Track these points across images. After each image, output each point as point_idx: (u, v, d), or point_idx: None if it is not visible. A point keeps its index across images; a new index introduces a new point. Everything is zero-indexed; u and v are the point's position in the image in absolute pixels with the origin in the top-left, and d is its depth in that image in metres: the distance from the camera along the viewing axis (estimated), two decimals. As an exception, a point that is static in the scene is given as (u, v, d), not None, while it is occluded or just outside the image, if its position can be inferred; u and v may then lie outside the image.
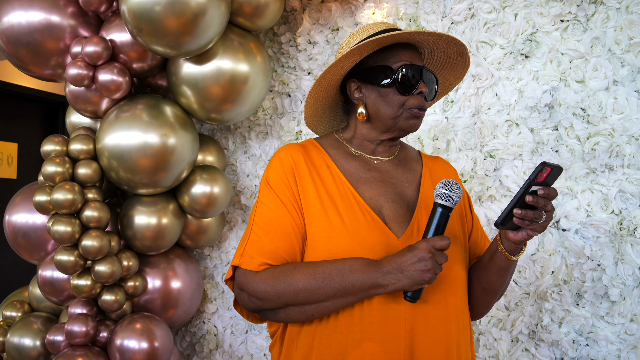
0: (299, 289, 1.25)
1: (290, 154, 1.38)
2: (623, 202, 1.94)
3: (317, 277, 1.24)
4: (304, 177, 1.35)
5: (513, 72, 2.11)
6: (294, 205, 1.33)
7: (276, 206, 1.34)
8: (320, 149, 1.42)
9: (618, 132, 1.95)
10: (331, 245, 1.26)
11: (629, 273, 1.91)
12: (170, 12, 1.93)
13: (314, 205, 1.32)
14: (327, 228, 1.29)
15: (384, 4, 2.33)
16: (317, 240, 1.30)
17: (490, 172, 2.12)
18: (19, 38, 2.18)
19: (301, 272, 1.26)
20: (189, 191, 2.30)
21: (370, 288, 1.21)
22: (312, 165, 1.37)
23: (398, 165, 1.45)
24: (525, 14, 2.09)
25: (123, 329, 2.18)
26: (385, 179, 1.41)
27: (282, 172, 1.36)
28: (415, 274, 1.17)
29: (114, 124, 2.16)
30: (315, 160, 1.39)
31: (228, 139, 2.68)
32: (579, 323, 1.96)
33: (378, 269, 1.20)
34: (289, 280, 1.25)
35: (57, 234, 2.07)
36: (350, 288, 1.22)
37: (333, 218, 1.30)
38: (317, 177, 1.35)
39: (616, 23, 1.97)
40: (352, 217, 1.29)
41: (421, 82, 1.35)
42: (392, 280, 1.19)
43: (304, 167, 1.36)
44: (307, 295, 1.25)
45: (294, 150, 1.39)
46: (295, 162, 1.37)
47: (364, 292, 1.22)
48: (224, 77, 2.18)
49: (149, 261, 2.38)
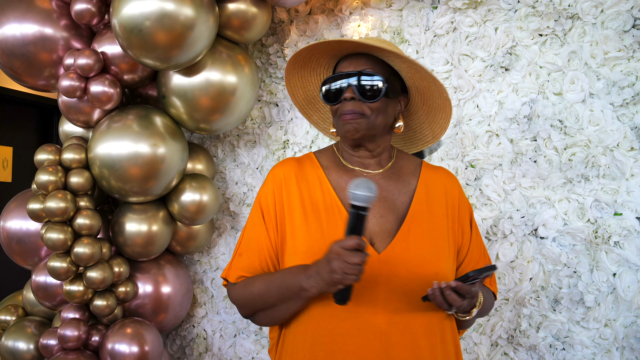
0: (255, 295, 1.36)
1: (282, 171, 1.45)
2: (598, 211, 2.00)
3: (268, 284, 1.34)
4: (292, 192, 1.41)
5: (493, 84, 2.17)
6: (274, 222, 1.40)
7: (258, 223, 1.42)
8: (316, 163, 1.47)
9: (594, 144, 2.01)
10: (309, 259, 1.30)
11: (604, 280, 1.97)
12: (160, 27, 1.99)
13: (298, 219, 1.37)
14: (307, 243, 1.34)
15: (368, 17, 2.39)
16: (297, 254, 1.35)
17: (471, 181, 2.19)
18: (13, 50, 2.23)
19: (259, 280, 1.36)
20: (179, 199, 2.35)
21: (299, 291, 1.27)
22: (304, 181, 1.42)
23: (390, 178, 1.44)
24: (505, 28, 2.15)
25: (114, 333, 2.23)
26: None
27: (272, 189, 1.44)
28: (326, 276, 1.19)
29: (105, 134, 2.21)
30: (309, 175, 1.43)
31: (217, 147, 2.74)
32: (556, 328, 2.02)
33: (304, 273, 1.26)
34: (250, 288, 1.37)
35: (50, 241, 2.12)
36: (286, 292, 1.30)
37: (314, 233, 1.35)
38: (306, 192, 1.40)
39: (592, 38, 2.04)
40: (333, 232, 1.33)
41: (350, 87, 1.32)
42: (313, 283, 1.23)
43: (294, 183, 1.42)
44: (262, 300, 1.35)
45: (287, 166, 1.46)
46: (286, 178, 1.43)
47: (297, 296, 1.28)
48: (212, 88, 2.24)
49: (139, 267, 2.44)
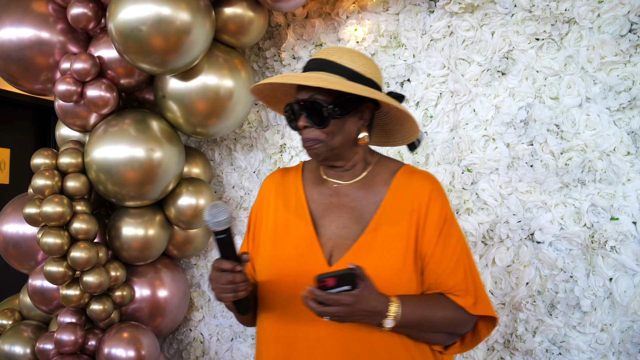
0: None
1: (265, 184, 1.55)
2: (595, 215, 2.00)
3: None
4: (270, 204, 1.49)
5: (490, 88, 2.17)
6: (252, 233, 1.52)
7: (246, 233, 1.55)
8: (299, 173, 1.52)
9: (590, 148, 2.01)
10: (271, 269, 1.40)
11: (600, 284, 1.97)
12: (156, 32, 1.99)
13: (270, 229, 1.46)
14: (272, 250, 1.42)
15: (365, 21, 2.38)
16: (264, 261, 1.45)
17: (468, 185, 2.19)
18: (10, 54, 2.23)
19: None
20: (176, 203, 2.35)
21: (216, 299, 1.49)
22: (283, 192, 1.48)
23: (361, 188, 1.44)
24: (502, 32, 2.15)
25: (111, 338, 2.24)
26: (343, 203, 1.42)
27: (257, 201, 1.55)
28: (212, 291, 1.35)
29: (102, 138, 2.21)
30: (289, 185, 1.49)
31: (214, 151, 2.74)
32: (552, 333, 2.02)
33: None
34: None
35: (47, 245, 2.12)
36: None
37: (280, 241, 1.42)
38: (282, 203, 1.46)
39: (589, 42, 2.04)
40: (294, 243, 1.40)
41: (302, 116, 1.36)
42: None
43: (273, 195, 1.49)
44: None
45: (271, 179, 1.54)
46: (269, 190, 1.52)
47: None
48: (209, 92, 2.24)
49: (136, 271, 2.44)
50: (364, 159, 1.47)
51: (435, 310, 1.34)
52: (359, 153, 1.45)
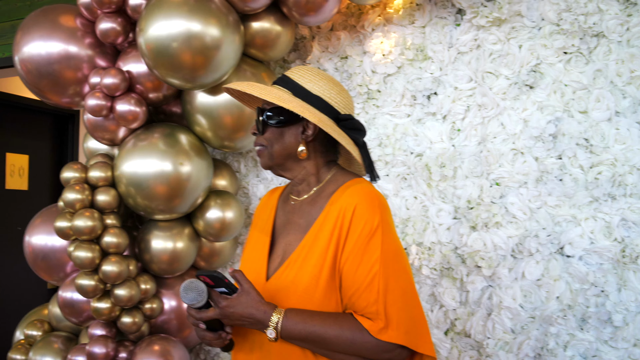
0: None
1: (259, 203, 1.66)
2: (625, 230, 2.00)
3: None
4: (256, 221, 1.60)
5: (518, 102, 2.17)
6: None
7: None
8: (279, 192, 1.62)
9: (620, 162, 2.01)
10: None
11: (632, 299, 1.97)
12: (187, 48, 2.00)
13: (247, 246, 1.57)
14: (242, 264, 1.53)
15: (391, 33, 2.39)
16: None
17: (496, 199, 2.19)
18: (39, 68, 2.25)
19: None
20: (204, 216, 2.37)
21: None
22: (265, 209, 1.60)
23: (309, 204, 1.44)
24: (529, 45, 2.16)
25: (142, 350, 2.25)
26: (294, 220, 1.46)
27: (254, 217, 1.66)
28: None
29: (131, 152, 2.23)
30: (270, 204, 1.59)
31: (240, 163, 2.75)
32: (584, 347, 2.03)
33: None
34: None
35: (78, 259, 2.14)
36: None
37: (247, 255, 1.54)
38: (261, 219, 1.57)
39: (618, 56, 2.04)
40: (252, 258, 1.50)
41: (255, 122, 1.46)
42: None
43: (259, 212, 1.62)
44: None
45: (265, 196, 1.65)
46: (259, 207, 1.63)
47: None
48: (236, 106, 2.25)
49: (164, 282, 2.45)
50: (316, 175, 1.45)
51: (328, 328, 1.28)
52: (307, 168, 1.44)
